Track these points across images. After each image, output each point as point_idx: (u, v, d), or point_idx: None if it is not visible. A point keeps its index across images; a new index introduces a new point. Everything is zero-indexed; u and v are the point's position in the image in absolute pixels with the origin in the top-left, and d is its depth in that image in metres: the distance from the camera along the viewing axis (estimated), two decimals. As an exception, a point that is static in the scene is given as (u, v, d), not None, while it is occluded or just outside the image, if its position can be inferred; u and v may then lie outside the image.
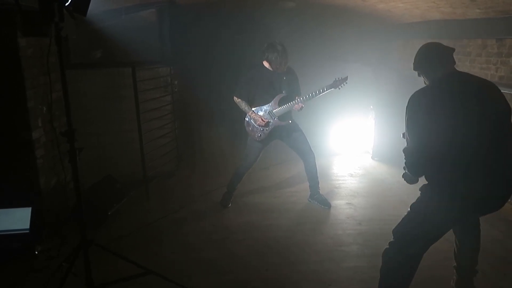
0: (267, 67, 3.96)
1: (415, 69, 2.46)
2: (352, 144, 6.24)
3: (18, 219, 3.35)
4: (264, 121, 3.98)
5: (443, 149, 2.17)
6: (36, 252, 3.26)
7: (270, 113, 4.01)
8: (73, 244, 2.65)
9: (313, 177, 4.30)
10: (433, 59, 2.36)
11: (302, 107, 3.97)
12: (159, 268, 2.88)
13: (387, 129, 5.43)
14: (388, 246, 2.41)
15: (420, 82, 2.48)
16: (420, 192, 2.37)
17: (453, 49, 2.39)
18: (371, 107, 5.90)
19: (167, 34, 5.11)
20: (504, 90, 4.05)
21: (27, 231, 3.33)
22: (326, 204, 4.26)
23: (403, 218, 2.41)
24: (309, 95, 3.91)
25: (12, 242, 3.29)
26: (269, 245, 3.50)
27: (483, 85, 2.30)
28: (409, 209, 2.40)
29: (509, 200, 3.66)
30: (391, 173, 5.23)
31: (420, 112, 2.22)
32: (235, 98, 4.08)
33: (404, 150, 2.31)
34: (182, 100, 5.72)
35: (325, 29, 6.61)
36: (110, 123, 4.62)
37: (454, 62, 2.38)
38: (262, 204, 4.37)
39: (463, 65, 4.73)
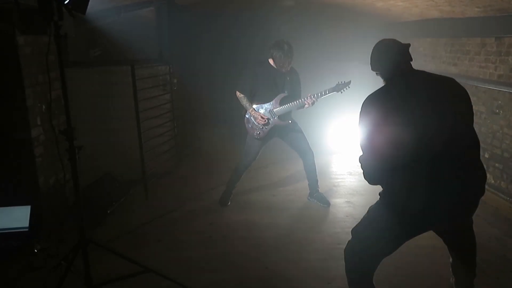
0: (272, 64, 3.95)
1: (372, 69, 2.35)
2: (351, 143, 6.23)
3: (17, 217, 3.35)
4: (264, 119, 3.97)
5: (395, 156, 1.99)
6: (35, 251, 3.26)
7: (270, 111, 4.00)
8: (72, 242, 2.65)
9: (312, 175, 4.30)
10: (386, 58, 2.24)
11: (313, 102, 3.92)
12: (158, 266, 2.88)
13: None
14: (347, 244, 2.35)
15: None
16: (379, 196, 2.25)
17: (408, 45, 2.26)
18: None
19: (166, 32, 5.10)
20: (502, 89, 4.09)
21: (26, 230, 3.33)
22: (325, 202, 4.26)
23: (362, 220, 2.32)
24: (311, 97, 3.90)
25: (11, 241, 3.29)
26: (268, 244, 3.50)
27: (442, 85, 2.13)
28: (366, 213, 2.30)
29: (507, 198, 3.65)
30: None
31: (372, 116, 2.09)
32: (237, 92, 4.07)
33: (359, 158, 2.18)
34: (181, 99, 5.72)
35: (324, 28, 6.62)
36: (109, 121, 4.62)
37: (410, 60, 2.24)
38: (261, 202, 4.38)
39: (462, 63, 4.73)
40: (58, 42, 2.29)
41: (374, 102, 2.14)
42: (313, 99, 3.92)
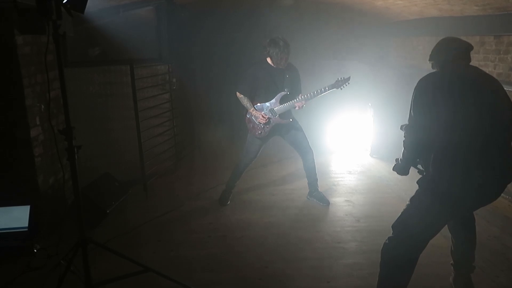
0: (270, 63, 3.95)
1: (430, 59, 2.52)
2: (351, 142, 6.24)
3: (17, 217, 3.35)
4: (265, 119, 3.97)
5: (440, 138, 2.17)
6: (35, 250, 3.26)
7: (271, 110, 4.00)
8: (72, 242, 2.64)
9: (311, 174, 4.30)
10: (447, 51, 2.41)
11: (303, 105, 3.97)
12: (158, 266, 2.88)
13: (386, 127, 5.44)
14: (387, 241, 2.41)
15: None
16: (417, 185, 2.36)
17: (471, 46, 2.44)
18: (370, 104, 5.90)
19: (165, 31, 5.09)
20: (502, 87, 4.08)
21: (26, 229, 3.32)
22: (324, 201, 4.26)
23: (402, 212, 2.40)
24: (309, 94, 3.90)
25: (11, 240, 3.29)
26: (268, 243, 3.50)
27: (491, 84, 2.30)
28: (408, 202, 2.39)
29: (506, 196, 3.66)
30: (389, 171, 5.19)
31: (428, 95, 2.24)
32: (237, 93, 4.06)
33: (405, 128, 2.32)
34: (181, 98, 5.72)
35: (323, 26, 6.61)
36: (108, 121, 4.62)
37: (469, 59, 2.42)
38: (261, 201, 4.38)
39: (461, 62, 4.73)
40: (57, 41, 2.29)
41: (431, 83, 2.30)
42: (302, 102, 3.93)
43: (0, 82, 3.30)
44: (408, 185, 2.50)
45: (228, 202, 4.32)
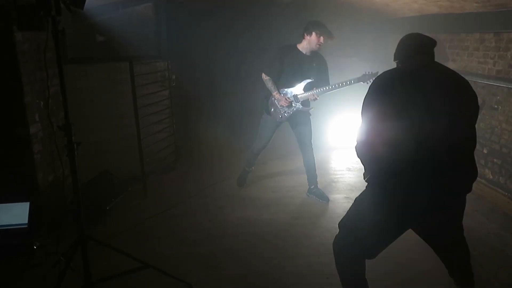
0: (300, 49, 3.96)
1: (394, 59, 2.38)
2: (350, 138, 6.24)
3: (16, 214, 3.35)
4: (288, 101, 3.99)
5: (393, 142, 1.98)
6: (35, 247, 3.26)
7: (294, 96, 4.02)
8: (71, 239, 2.64)
9: (311, 170, 4.31)
10: (409, 49, 2.27)
11: (316, 98, 3.97)
12: (157, 263, 2.88)
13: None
14: (335, 240, 2.34)
15: None
16: (366, 183, 2.23)
17: (435, 42, 2.29)
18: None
19: (164, 28, 5.08)
20: (501, 84, 4.09)
21: (25, 226, 3.32)
22: (324, 198, 4.27)
23: (348, 212, 2.31)
24: (335, 86, 3.93)
25: (10, 238, 3.29)
26: (267, 239, 3.51)
27: (457, 85, 2.12)
28: (354, 202, 2.30)
29: (506, 193, 3.65)
30: (388, 168, 5.23)
31: (380, 95, 2.09)
32: (263, 75, 4.08)
33: (357, 139, 2.20)
34: (180, 95, 5.70)
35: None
36: (108, 117, 4.61)
37: (432, 55, 2.26)
38: (260, 199, 4.38)
39: (461, 59, 4.73)
40: (56, 37, 2.28)
41: (389, 81, 2.12)
42: (315, 96, 3.95)
43: (-1, 79, 3.29)
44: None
45: (246, 182, 4.57)
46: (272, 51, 4.13)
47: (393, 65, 2.41)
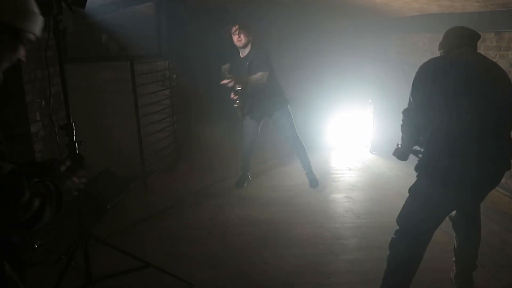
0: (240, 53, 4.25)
1: (438, 49, 2.54)
2: (351, 138, 6.24)
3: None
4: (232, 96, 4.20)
5: (437, 120, 2.21)
6: (35, 246, 3.26)
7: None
8: (72, 237, 2.65)
9: (299, 157, 4.55)
10: (454, 40, 2.43)
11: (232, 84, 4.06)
12: (158, 261, 2.89)
13: (386, 123, 5.43)
14: (394, 235, 2.43)
15: None
16: (416, 172, 2.37)
17: (479, 36, 2.46)
18: (370, 101, 5.90)
19: (165, 28, 5.07)
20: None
21: (26, 225, 3.31)
22: (313, 184, 4.48)
23: (404, 205, 2.43)
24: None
25: (11, 236, 3.28)
26: (268, 239, 3.51)
27: (496, 73, 2.31)
28: (408, 193, 2.41)
29: (506, 193, 3.67)
30: (389, 167, 5.24)
31: (426, 79, 2.26)
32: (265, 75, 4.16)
33: (404, 111, 2.34)
34: (181, 94, 5.71)
35: (322, 23, 6.60)
36: (108, 117, 4.61)
37: (475, 47, 2.42)
38: (261, 198, 4.38)
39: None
40: (57, 37, 2.28)
41: (433, 67, 2.30)
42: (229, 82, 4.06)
43: None
44: (408, 181, 2.49)
45: (245, 184, 4.60)
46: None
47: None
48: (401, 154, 2.46)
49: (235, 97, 4.17)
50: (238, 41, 4.14)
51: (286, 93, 4.42)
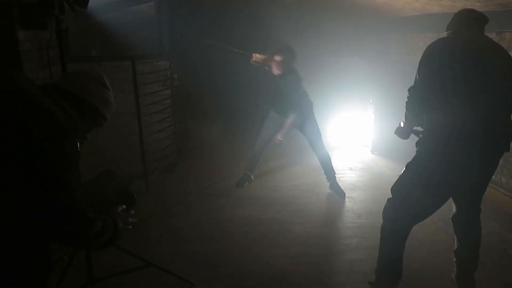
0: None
1: (446, 30, 2.58)
2: (352, 138, 6.24)
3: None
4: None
5: (438, 99, 2.26)
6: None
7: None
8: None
9: (322, 166, 4.43)
10: (462, 21, 2.47)
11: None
12: (159, 261, 2.89)
13: (387, 123, 5.42)
14: (387, 204, 2.50)
15: None
16: (416, 147, 2.42)
17: (487, 19, 2.47)
18: (371, 101, 5.90)
19: (166, 27, 5.09)
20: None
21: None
22: (340, 194, 4.35)
23: (400, 176, 2.47)
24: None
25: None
26: (270, 238, 3.51)
27: (501, 55, 2.34)
28: (404, 168, 2.45)
29: (507, 193, 3.66)
30: (390, 167, 5.24)
31: (433, 59, 2.30)
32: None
33: (409, 88, 2.38)
34: (182, 94, 5.71)
35: (324, 23, 6.60)
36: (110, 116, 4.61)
37: (482, 30, 2.44)
38: (263, 198, 4.38)
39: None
40: (60, 36, 2.29)
41: (441, 48, 2.35)
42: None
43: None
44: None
45: (246, 184, 4.61)
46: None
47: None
48: (402, 132, 2.50)
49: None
50: (276, 69, 3.98)
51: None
